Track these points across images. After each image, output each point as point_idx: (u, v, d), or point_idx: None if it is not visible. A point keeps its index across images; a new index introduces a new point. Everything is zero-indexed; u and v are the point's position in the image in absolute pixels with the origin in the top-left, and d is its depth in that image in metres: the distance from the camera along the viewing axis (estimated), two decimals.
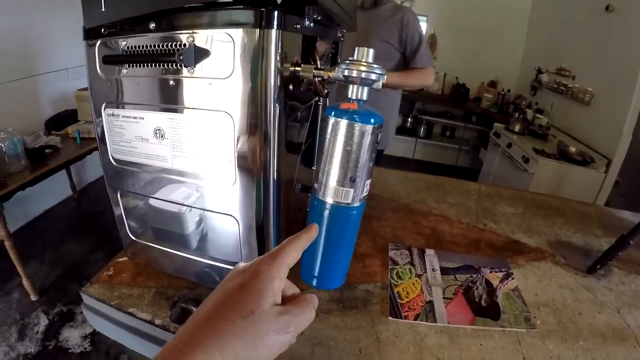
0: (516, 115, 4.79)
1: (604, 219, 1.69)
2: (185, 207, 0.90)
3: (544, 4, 5.51)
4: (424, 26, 6.19)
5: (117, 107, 0.85)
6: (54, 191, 4.00)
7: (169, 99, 0.78)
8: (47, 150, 2.95)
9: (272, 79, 0.69)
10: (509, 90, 5.86)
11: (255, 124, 0.72)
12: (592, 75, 4.17)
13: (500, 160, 4.58)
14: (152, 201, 0.94)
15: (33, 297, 2.84)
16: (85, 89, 3.58)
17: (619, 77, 3.71)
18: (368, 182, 0.70)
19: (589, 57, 4.25)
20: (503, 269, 1.21)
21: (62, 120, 3.56)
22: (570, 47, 4.65)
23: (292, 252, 0.52)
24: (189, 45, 0.70)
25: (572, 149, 3.88)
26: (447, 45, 6.18)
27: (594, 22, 4.20)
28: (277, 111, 0.72)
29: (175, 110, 0.78)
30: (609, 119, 3.80)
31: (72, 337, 2.60)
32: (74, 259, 3.29)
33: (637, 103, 3.51)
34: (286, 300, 0.50)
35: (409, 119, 6.45)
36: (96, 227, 3.78)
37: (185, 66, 0.72)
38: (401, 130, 6.48)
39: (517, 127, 4.45)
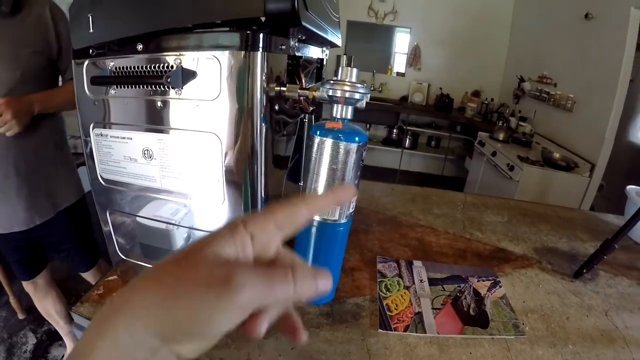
0: (500, 124, 4.84)
1: (589, 223, 1.72)
2: (174, 226, 0.90)
3: (525, 14, 5.61)
4: (407, 38, 6.26)
5: (106, 127, 0.85)
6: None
7: (157, 120, 0.79)
8: None
9: (258, 100, 0.70)
10: (492, 100, 5.94)
11: (242, 144, 0.73)
12: (574, 82, 4.24)
13: (485, 169, 4.62)
14: (141, 220, 0.93)
15: (20, 316, 2.81)
16: None
17: (600, 83, 3.78)
18: (354, 199, 0.71)
19: (570, 65, 4.32)
20: (490, 278, 1.22)
21: None
22: (551, 55, 4.72)
23: (285, 208, 0.39)
24: (177, 67, 0.71)
25: (556, 155, 3.92)
26: (430, 56, 6.27)
27: (574, 30, 4.28)
28: (264, 130, 0.73)
29: (163, 131, 0.79)
30: (591, 124, 3.86)
31: (61, 356, 2.58)
32: (61, 276, 3.25)
33: (618, 107, 3.58)
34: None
35: (394, 130, 6.50)
36: None
37: (172, 88, 0.73)
38: (387, 142, 6.54)
39: (501, 136, 4.49)
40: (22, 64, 1.68)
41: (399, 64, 6.55)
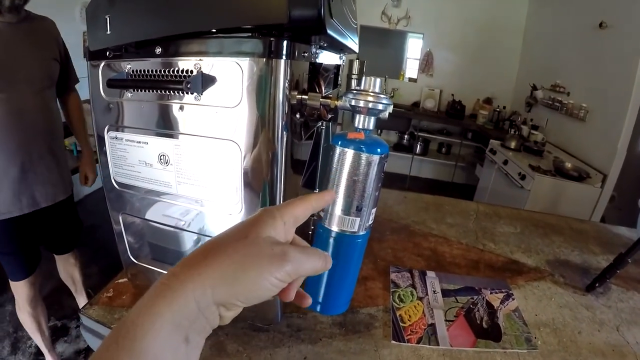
0: (512, 132, 4.83)
1: (601, 235, 1.71)
2: (188, 232, 0.89)
3: (538, 21, 5.58)
4: (420, 44, 6.24)
5: (121, 131, 0.85)
6: None
7: (174, 125, 0.78)
8: None
9: (281, 108, 0.69)
10: (504, 107, 5.91)
11: (262, 152, 0.72)
12: (587, 91, 4.21)
13: (496, 177, 4.60)
14: (154, 225, 0.93)
15: None
16: (83, 102, 3.57)
17: (613, 92, 3.76)
18: (374, 210, 0.70)
19: (583, 74, 4.29)
20: (503, 290, 1.21)
21: None
22: (564, 64, 4.69)
23: (301, 205, 0.50)
24: (197, 72, 0.70)
25: (568, 165, 3.90)
26: (443, 62, 6.25)
27: (587, 39, 4.25)
28: (285, 139, 0.72)
29: (180, 137, 0.78)
30: (603, 134, 3.83)
31: (66, 352, 2.58)
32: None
33: (631, 118, 3.55)
34: None
35: (406, 136, 6.49)
36: (91, 240, 3.72)
37: (191, 93, 0.72)
38: (398, 147, 6.52)
39: (512, 144, 4.47)
40: (50, 67, 1.97)
41: (411, 69, 6.53)
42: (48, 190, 2.02)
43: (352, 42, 1.05)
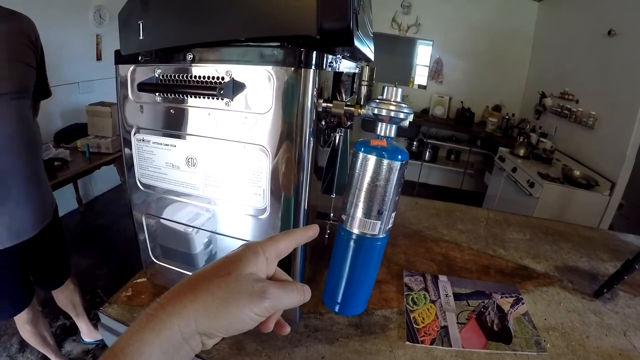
0: (521, 140, 4.81)
1: (609, 243, 1.71)
2: (213, 234, 0.92)
3: (547, 29, 5.57)
4: (429, 51, 6.23)
5: (148, 133, 0.87)
6: (59, 203, 3.90)
7: (203, 129, 0.80)
8: (56, 163, 2.97)
9: (309, 115, 0.72)
10: (513, 115, 5.90)
11: (289, 157, 0.74)
12: (596, 99, 4.21)
13: (505, 185, 4.61)
14: (178, 226, 0.95)
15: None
16: (96, 104, 3.61)
17: (622, 100, 3.75)
18: (393, 214, 0.73)
19: (592, 81, 4.29)
20: (513, 295, 1.23)
21: (71, 133, 3.61)
22: (573, 72, 4.69)
23: (284, 240, 0.54)
24: (229, 79, 0.73)
25: (577, 173, 3.90)
26: (452, 69, 6.24)
27: (597, 47, 4.25)
28: (312, 145, 0.75)
29: (208, 141, 0.81)
30: (612, 142, 3.83)
31: (75, 351, 2.60)
32: (77, 273, 3.21)
33: None
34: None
35: (415, 143, 6.47)
36: (101, 241, 3.77)
37: (223, 99, 0.74)
38: None
39: (521, 152, 4.48)
40: (19, 76, 1.63)
41: (421, 76, 6.52)
42: (30, 218, 1.75)
43: (370, 51, 1.08)
